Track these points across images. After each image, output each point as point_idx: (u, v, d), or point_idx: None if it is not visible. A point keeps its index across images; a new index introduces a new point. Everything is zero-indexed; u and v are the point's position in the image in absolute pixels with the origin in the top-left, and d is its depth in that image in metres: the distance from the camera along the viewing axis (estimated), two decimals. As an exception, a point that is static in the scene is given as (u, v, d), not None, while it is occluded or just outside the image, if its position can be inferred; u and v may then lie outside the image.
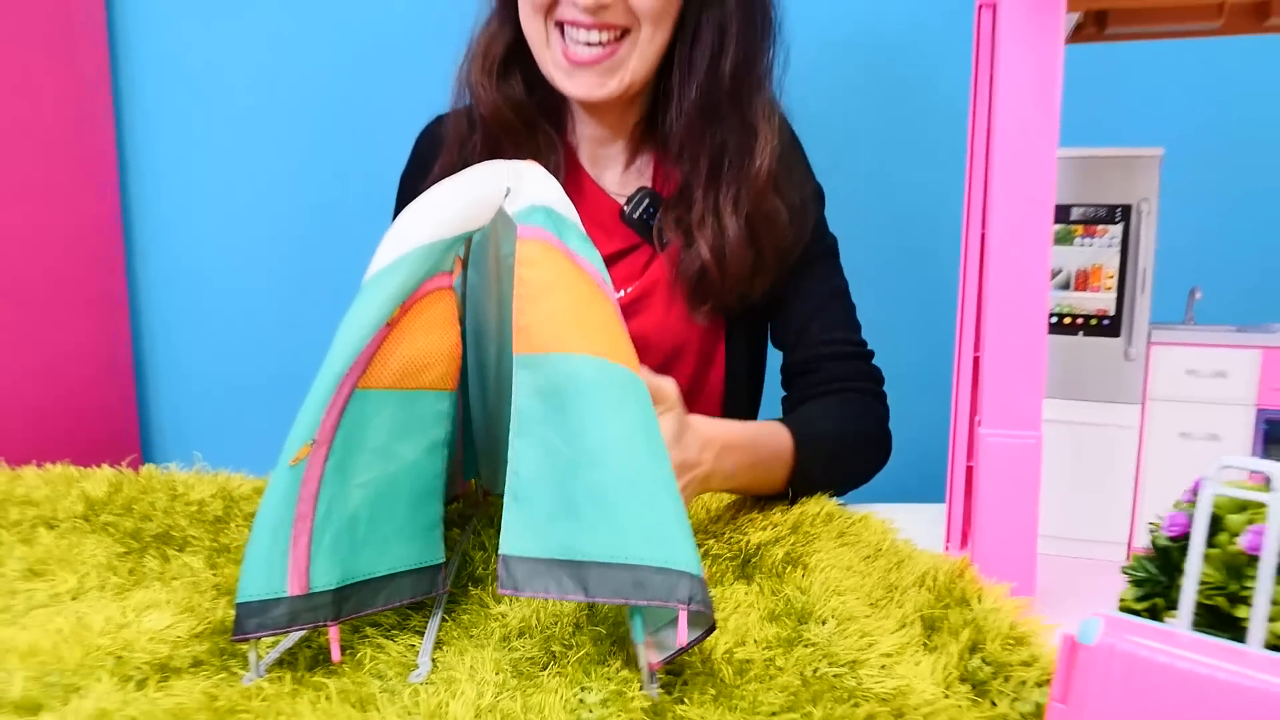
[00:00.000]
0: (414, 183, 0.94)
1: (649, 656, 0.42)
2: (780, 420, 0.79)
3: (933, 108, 1.14)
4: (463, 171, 0.48)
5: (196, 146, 1.30)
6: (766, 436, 0.74)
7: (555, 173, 0.83)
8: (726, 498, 0.75)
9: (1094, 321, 0.63)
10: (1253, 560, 0.33)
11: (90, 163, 1.26)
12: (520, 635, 0.49)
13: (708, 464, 0.66)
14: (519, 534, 0.44)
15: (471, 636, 0.49)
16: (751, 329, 0.96)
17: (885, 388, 0.90)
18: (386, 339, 0.45)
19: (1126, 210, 0.61)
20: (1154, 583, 0.37)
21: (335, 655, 0.45)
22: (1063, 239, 0.63)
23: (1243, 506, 0.35)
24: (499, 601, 0.53)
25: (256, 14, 1.27)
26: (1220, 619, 0.34)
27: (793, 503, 0.72)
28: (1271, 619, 0.32)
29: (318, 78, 1.28)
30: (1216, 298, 0.66)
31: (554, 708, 0.40)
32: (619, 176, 0.92)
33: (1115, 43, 0.69)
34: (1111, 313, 0.62)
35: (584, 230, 0.48)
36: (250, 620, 0.42)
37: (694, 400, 0.95)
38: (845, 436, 0.83)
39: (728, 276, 0.85)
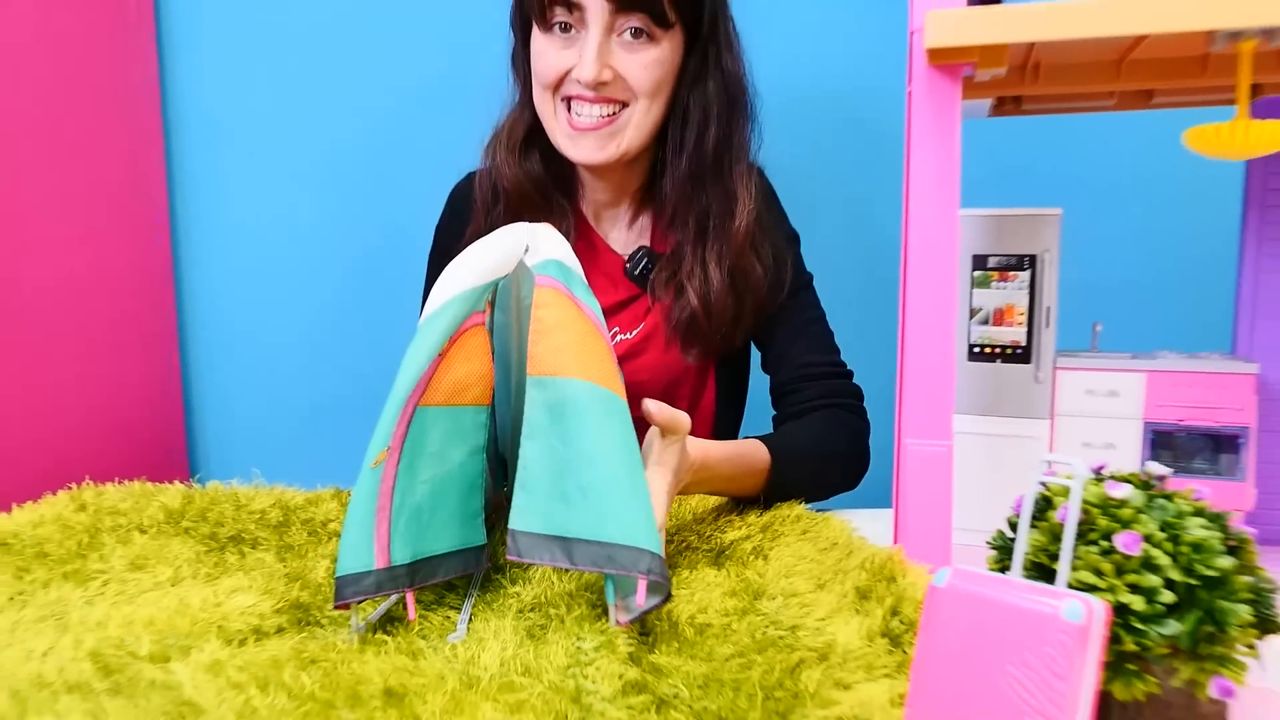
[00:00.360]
0: (448, 232, 1.07)
1: (618, 616, 0.55)
2: (761, 437, 0.91)
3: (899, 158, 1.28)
4: (492, 232, 0.61)
5: (240, 201, 1.44)
6: (744, 456, 0.86)
7: (567, 235, 0.96)
8: (712, 503, 0.87)
9: (1009, 351, 0.75)
10: (1047, 524, 0.45)
11: (144, 216, 1.40)
12: (532, 609, 0.61)
13: (688, 478, 0.78)
14: (524, 514, 0.56)
15: (494, 609, 0.61)
16: (736, 360, 1.09)
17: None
18: (438, 367, 0.58)
19: (1033, 259, 0.74)
20: (1007, 550, 0.49)
21: (411, 614, 0.57)
22: (981, 283, 0.75)
23: (1102, 504, 0.47)
24: (514, 583, 0.65)
25: (297, 70, 1.41)
26: (1045, 573, 0.45)
27: (768, 508, 0.84)
28: (1075, 569, 0.44)
29: (354, 134, 1.42)
30: (1116, 329, 0.79)
31: (558, 655, 0.53)
32: (623, 235, 1.06)
33: (1032, 116, 0.82)
34: (1023, 343, 0.74)
35: (586, 281, 0.61)
36: (348, 589, 0.55)
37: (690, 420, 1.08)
38: (819, 450, 0.94)
39: (713, 320, 0.98)
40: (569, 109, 0.94)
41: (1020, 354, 0.75)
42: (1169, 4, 0.53)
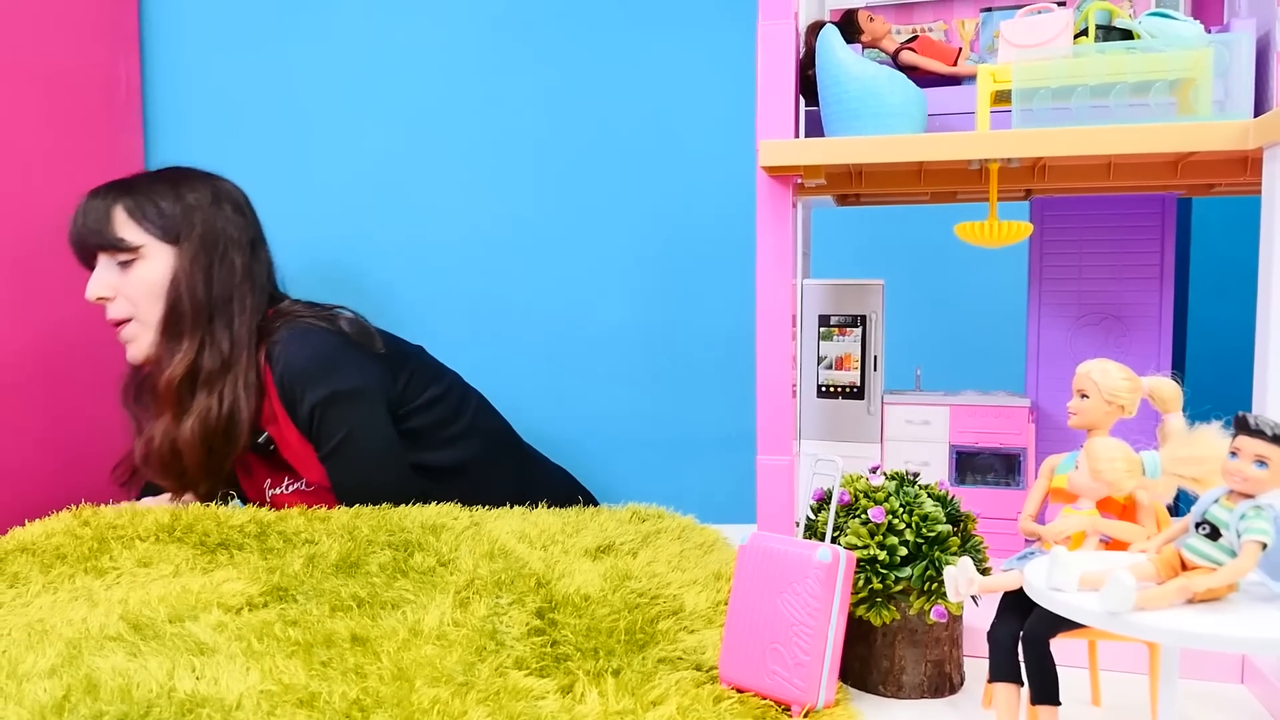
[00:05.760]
0: None
1: None
2: None
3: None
4: None
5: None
6: None
7: None
8: (610, 524, 1.04)
9: (847, 389, 0.95)
10: (841, 507, 0.64)
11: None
12: (463, 587, 0.78)
13: None
14: None
15: (436, 588, 0.78)
16: None
17: None
18: None
19: (864, 319, 0.94)
20: (810, 527, 0.68)
21: None
22: (826, 337, 0.95)
23: (865, 491, 0.66)
24: (446, 567, 0.82)
25: (276, 150, 1.59)
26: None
27: None
28: (845, 535, 0.63)
29: (326, 214, 1.59)
30: (935, 373, 1.00)
31: (481, 610, 0.70)
32: None
33: (868, 207, 1.04)
34: (858, 384, 0.95)
35: None
36: None
37: None
38: None
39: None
40: None
41: (856, 392, 0.95)
42: (910, 143, 0.75)
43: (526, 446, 1.36)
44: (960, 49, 0.91)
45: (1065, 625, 0.52)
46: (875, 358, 0.94)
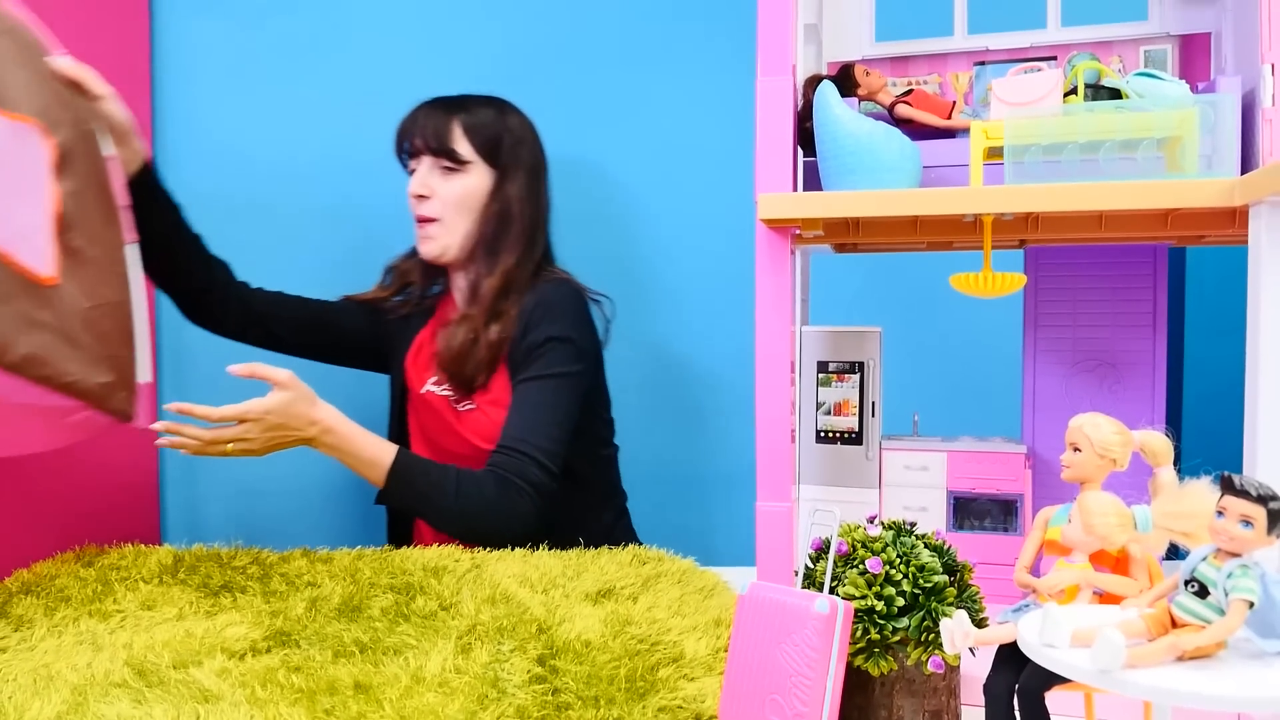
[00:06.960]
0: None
1: None
2: (410, 453, 1.16)
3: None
4: None
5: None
6: (370, 447, 1.12)
7: None
8: (610, 567, 1.04)
9: (846, 435, 0.96)
10: (839, 557, 0.65)
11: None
12: (464, 632, 0.79)
13: (308, 432, 1.08)
14: None
15: (438, 633, 0.79)
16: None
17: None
18: None
19: (862, 365, 0.96)
20: (808, 576, 0.69)
21: None
22: (824, 383, 0.97)
23: (862, 542, 0.67)
24: (447, 610, 0.83)
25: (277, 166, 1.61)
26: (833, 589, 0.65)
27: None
28: (843, 586, 0.64)
29: (331, 224, 1.61)
30: (932, 418, 1.01)
31: (483, 657, 0.71)
32: None
33: (866, 254, 1.05)
34: (856, 429, 0.96)
35: None
36: None
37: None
38: (440, 489, 1.13)
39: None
40: None
41: (854, 438, 0.96)
42: (905, 198, 0.77)
43: (627, 507, 1.44)
44: (954, 102, 0.93)
45: (1059, 679, 0.52)
46: (873, 403, 0.95)
